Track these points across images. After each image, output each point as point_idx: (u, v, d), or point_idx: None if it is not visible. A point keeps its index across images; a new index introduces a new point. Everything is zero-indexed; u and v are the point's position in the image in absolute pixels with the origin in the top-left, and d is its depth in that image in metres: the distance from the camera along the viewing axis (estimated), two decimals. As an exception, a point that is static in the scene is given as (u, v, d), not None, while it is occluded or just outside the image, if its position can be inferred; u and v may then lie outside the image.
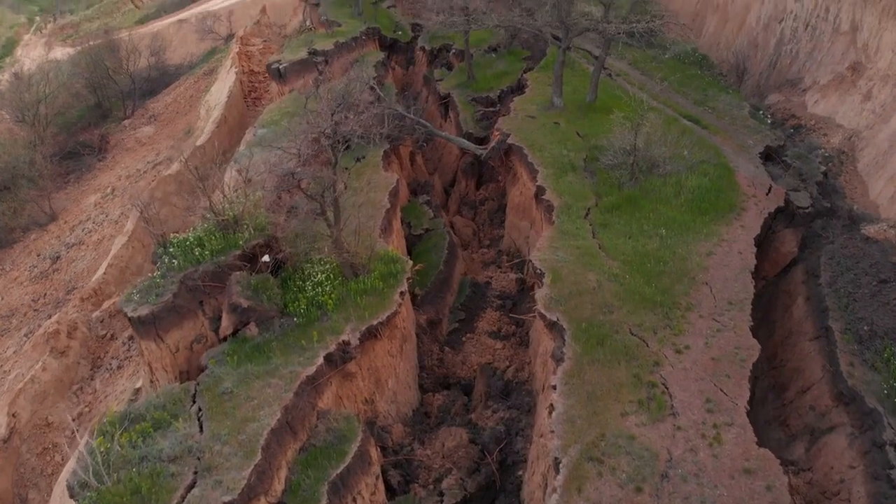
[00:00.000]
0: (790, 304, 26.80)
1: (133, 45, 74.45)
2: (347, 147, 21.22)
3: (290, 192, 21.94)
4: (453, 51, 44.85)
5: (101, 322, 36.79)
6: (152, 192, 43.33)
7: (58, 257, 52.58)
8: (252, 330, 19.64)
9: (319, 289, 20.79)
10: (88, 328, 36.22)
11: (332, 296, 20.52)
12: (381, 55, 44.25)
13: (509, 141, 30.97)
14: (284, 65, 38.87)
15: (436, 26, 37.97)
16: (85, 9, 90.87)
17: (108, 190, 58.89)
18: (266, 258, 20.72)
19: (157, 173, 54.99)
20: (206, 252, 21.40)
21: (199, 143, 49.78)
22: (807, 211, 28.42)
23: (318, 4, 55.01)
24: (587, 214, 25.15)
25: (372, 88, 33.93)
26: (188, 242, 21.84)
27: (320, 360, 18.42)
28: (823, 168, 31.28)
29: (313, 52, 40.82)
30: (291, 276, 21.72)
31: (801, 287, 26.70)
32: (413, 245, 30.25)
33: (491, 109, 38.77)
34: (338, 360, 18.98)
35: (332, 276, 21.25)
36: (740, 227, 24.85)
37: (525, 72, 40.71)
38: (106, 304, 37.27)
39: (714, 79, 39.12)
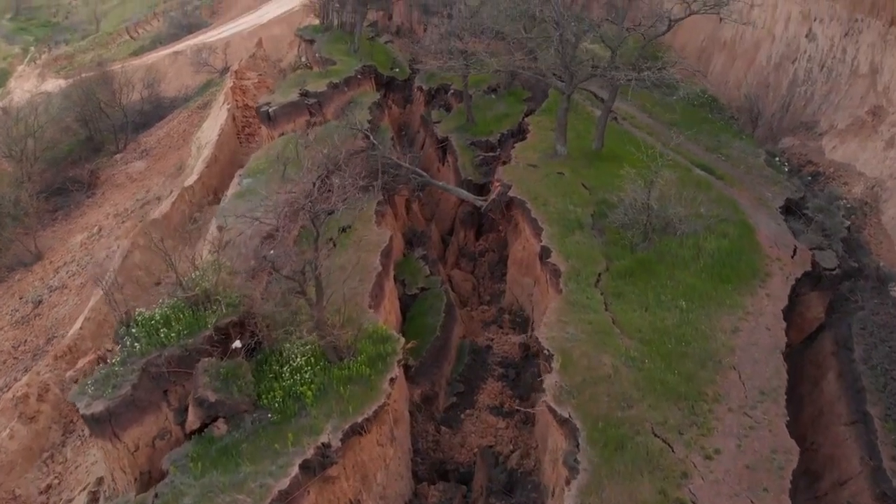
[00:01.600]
0: (819, 378, 24.20)
1: (127, 78, 72.49)
2: (332, 213, 18.74)
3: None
4: (452, 91, 42.65)
5: (76, 383, 34.10)
6: (135, 238, 40.81)
7: (40, 301, 50.00)
8: (220, 428, 17.02)
9: (298, 376, 18.19)
10: (61, 389, 33.52)
11: (313, 385, 17.91)
12: (377, 96, 42.06)
13: (511, 193, 28.55)
14: (274, 107, 36.56)
15: (433, 69, 35.74)
16: (80, 39, 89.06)
17: (95, 229, 56.46)
18: (237, 343, 18.16)
19: (144, 214, 52.66)
20: (173, 333, 18.83)
21: (187, 183, 47.39)
22: (833, 273, 25.98)
23: (312, 41, 52.99)
24: (598, 281, 22.62)
25: (366, 136, 31.62)
26: (153, 321, 19.28)
27: (295, 470, 15.75)
28: (847, 223, 28.92)
29: (305, 94, 38.56)
30: (268, 358, 19.14)
31: (832, 360, 24.13)
32: (407, 306, 27.70)
33: (491, 154, 36.44)
34: (316, 466, 16.33)
35: (313, 359, 18.66)
36: (766, 297, 22.32)
37: (526, 115, 38.46)
38: (81, 363, 34.47)
39: (726, 123, 36.82)
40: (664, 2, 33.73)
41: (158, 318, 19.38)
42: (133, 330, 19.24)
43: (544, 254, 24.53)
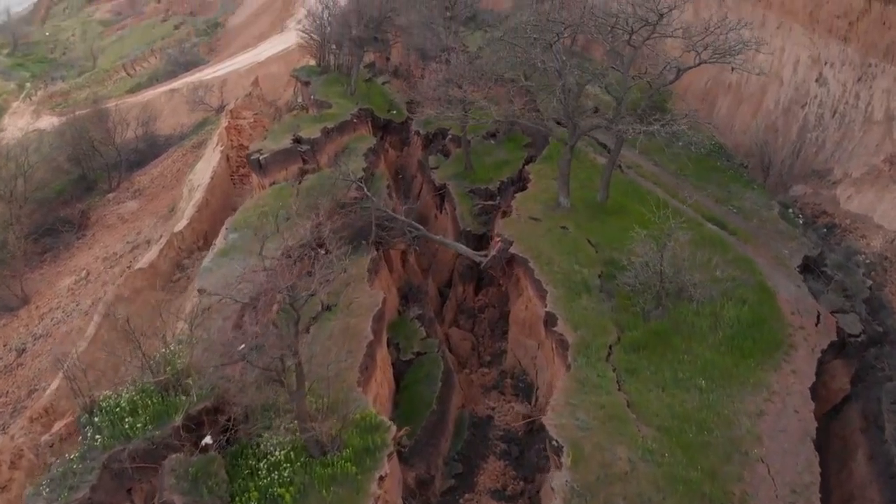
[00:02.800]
0: (847, 457, 22.13)
1: (121, 116, 71.31)
2: (313, 294, 16.84)
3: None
4: (450, 136, 41.04)
5: (51, 447, 31.97)
6: (119, 289, 38.84)
7: (24, 350, 48.09)
8: (187, 538, 14.97)
9: (276, 474, 16.12)
10: (36, 454, 31.34)
11: (292, 487, 15.83)
12: (373, 141, 40.46)
13: (512, 250, 26.73)
14: (265, 155, 34.84)
15: (430, 119, 34.21)
16: (77, 76, 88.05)
17: (83, 273, 54.68)
18: (207, 440, 16.15)
19: (133, 258, 50.83)
20: (140, 422, 16.82)
21: (177, 228, 45.60)
22: (858, 339, 24.08)
23: (308, 82, 51.60)
24: (609, 355, 20.66)
25: (359, 187, 29.90)
26: (118, 408, 17.27)
27: None
28: (869, 282, 27.07)
29: (298, 140, 36.93)
30: (244, 450, 17.10)
31: (861, 438, 22.09)
32: (402, 373, 25.67)
33: (490, 203, 34.68)
34: (295, 587, 14.25)
35: (293, 454, 16.62)
36: (791, 374, 20.36)
37: (527, 162, 36.77)
38: (56, 427, 32.26)
39: (735, 171, 35.14)
40: (669, 48, 32.22)
41: (124, 404, 17.38)
42: (96, 419, 17.23)
43: (550, 320, 22.61)
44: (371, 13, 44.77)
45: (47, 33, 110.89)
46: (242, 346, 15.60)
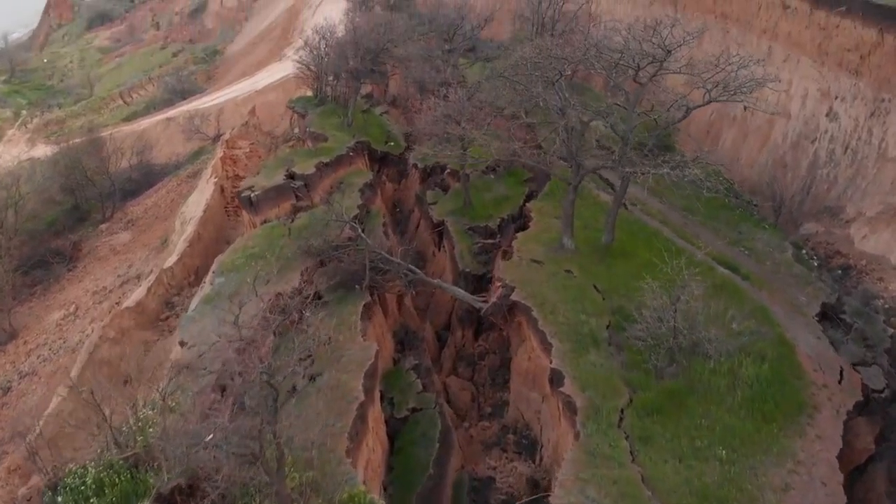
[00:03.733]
0: (874, 525, 20.52)
1: (117, 145, 70.23)
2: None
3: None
4: (448, 170, 39.68)
5: (29, 500, 30.17)
6: (105, 330, 37.17)
7: (9, 388, 46.30)
8: None
9: (257, 564, 14.49)
10: (12, 509, 29.52)
11: (273, 581, 14.20)
12: (369, 175, 39.11)
13: (514, 297, 25.19)
14: (257, 192, 33.41)
15: (426, 157, 32.92)
16: (73, 103, 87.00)
17: (72, 308, 53.04)
18: (179, 529, 14.50)
19: (122, 293, 49.25)
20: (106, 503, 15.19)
21: (167, 264, 44.02)
22: (882, 395, 22.50)
23: (304, 114, 50.38)
24: (621, 420, 19.04)
25: (353, 228, 28.43)
26: (83, 486, 15.62)
27: None
28: (891, 330, 25.50)
29: (291, 176, 35.58)
30: (222, 535, 15.43)
31: (886, 502, 20.48)
32: (396, 431, 23.97)
33: (490, 242, 33.22)
34: None
35: (276, 540, 14.97)
36: (816, 439, 18.72)
37: (527, 197, 35.42)
38: (34, 479, 30.55)
39: (745, 209, 33.71)
40: (675, 84, 30.95)
41: (90, 482, 15.72)
42: (59, 498, 15.56)
43: (556, 379, 21.01)
44: (368, 45, 43.64)
45: (45, 60, 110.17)
46: (210, 436, 13.99)
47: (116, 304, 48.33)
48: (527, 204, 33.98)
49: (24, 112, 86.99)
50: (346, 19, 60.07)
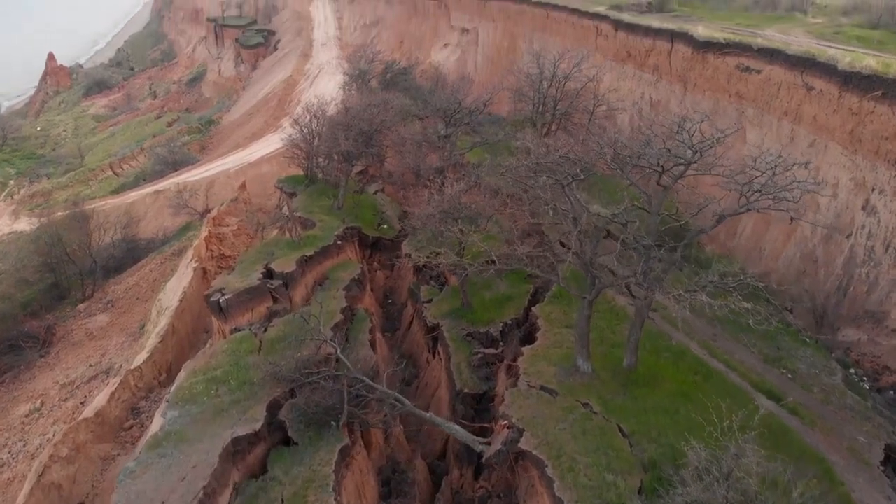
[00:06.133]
0: None
1: (102, 219, 66.72)
2: None
3: None
4: (445, 250, 35.67)
5: None
6: (56, 448, 32.49)
7: (-37, 496, 41.39)
8: None
9: None
10: None
11: None
12: (357, 269, 35.07)
13: (523, 445, 20.75)
14: (228, 296, 29.27)
15: (421, 249, 29.02)
16: (63, 174, 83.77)
17: (38, 403, 48.35)
18: None
19: (89, 391, 44.66)
20: None
21: (135, 363, 39.66)
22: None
23: (294, 194, 46.84)
24: None
25: (331, 346, 24.17)
26: None
27: None
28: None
29: (269, 274, 31.58)
30: None
31: None
32: None
33: (491, 352, 28.93)
34: None
35: None
36: None
37: (532, 296, 31.41)
38: None
39: (780, 317, 29.50)
40: (703, 183, 27.24)
41: None
42: None
43: (576, 569, 16.43)
44: (361, 126, 40.28)
45: (38, 128, 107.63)
46: None
47: (81, 403, 43.86)
48: (532, 308, 29.83)
49: (11, 182, 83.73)
50: (340, 96, 57.41)
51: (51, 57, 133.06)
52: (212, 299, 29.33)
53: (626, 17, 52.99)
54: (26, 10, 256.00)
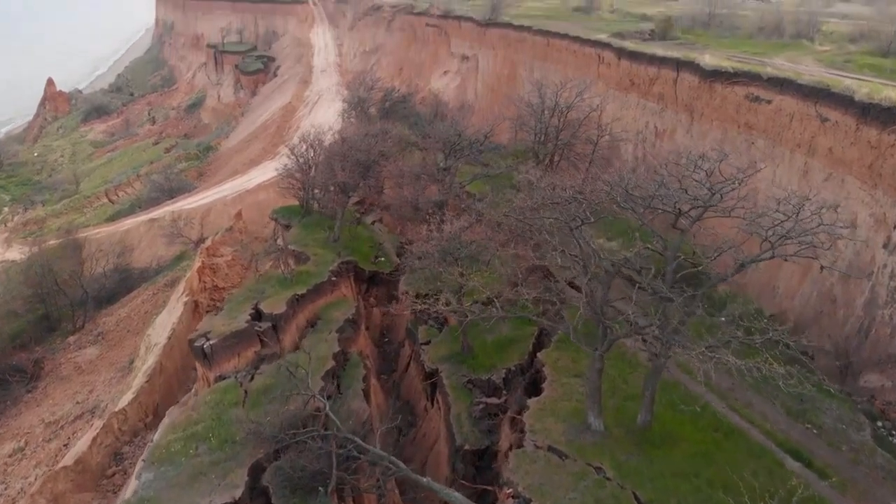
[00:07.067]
0: None
1: (95, 248, 65.03)
2: None
3: None
4: (444, 294, 33.80)
5: None
6: (33, 500, 30.34)
7: (-63, 543, 39.21)
8: None
9: None
10: None
11: None
12: (352, 308, 33.22)
13: (530, 517, 18.73)
14: (213, 341, 27.33)
15: (419, 305, 27.16)
16: (58, 200, 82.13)
17: (22, 442, 46.20)
18: None
19: (73, 432, 42.48)
20: None
21: (120, 405, 37.57)
22: None
23: (288, 226, 45.12)
24: None
25: (319, 401, 22.19)
26: None
27: None
28: None
29: (257, 316, 29.69)
30: None
31: None
32: None
33: (494, 402, 26.94)
34: None
35: None
36: None
37: (537, 340, 29.53)
38: None
39: (802, 364, 27.50)
40: (721, 225, 25.45)
41: None
42: None
43: None
44: (357, 157, 38.63)
45: (36, 153, 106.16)
46: None
47: (64, 445, 41.69)
48: (537, 354, 27.92)
49: (5, 209, 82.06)
50: (338, 124, 55.93)
51: (50, 82, 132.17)
52: (196, 344, 27.41)
53: (629, 44, 51.65)
54: (29, 34, 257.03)
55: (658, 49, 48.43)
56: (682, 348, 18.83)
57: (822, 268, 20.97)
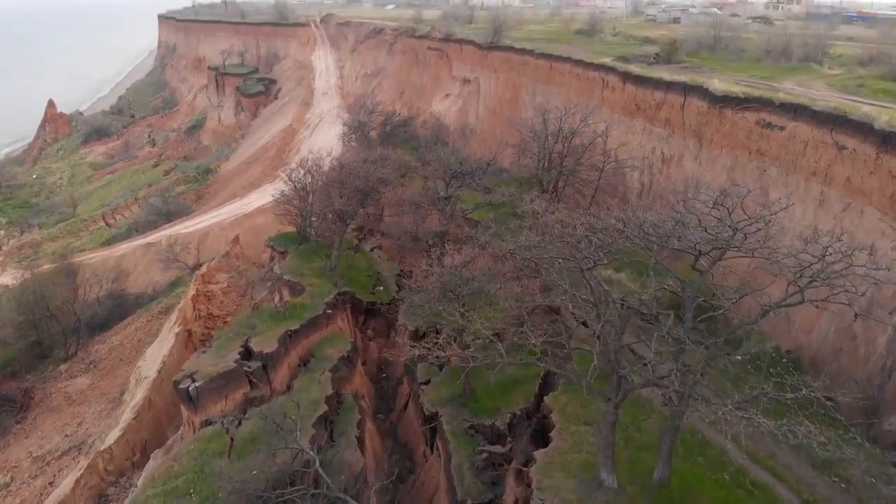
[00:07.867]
0: None
1: (89, 273, 63.39)
2: None
3: None
4: (444, 335, 32.05)
5: None
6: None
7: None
8: None
9: None
10: None
11: None
12: (347, 345, 31.57)
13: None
14: (199, 383, 25.60)
15: (418, 350, 25.52)
16: (55, 223, 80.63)
17: (8, 477, 44.40)
18: None
19: (59, 468, 40.59)
20: None
21: (106, 443, 35.72)
22: None
23: (285, 253, 43.53)
24: None
25: (307, 455, 20.41)
26: None
27: None
28: None
29: (246, 355, 27.98)
30: None
31: None
32: None
33: (498, 450, 25.16)
34: None
35: None
36: None
37: (543, 381, 27.80)
38: None
39: (821, 407, 25.70)
40: (741, 264, 23.80)
41: None
42: None
43: None
44: (356, 184, 37.13)
45: (34, 175, 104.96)
46: None
47: (50, 483, 39.81)
48: (544, 398, 26.16)
49: (1, 232, 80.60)
50: (338, 149, 54.57)
51: (50, 104, 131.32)
52: (180, 387, 25.69)
53: (634, 68, 50.34)
54: (32, 57, 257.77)
55: (664, 73, 47.11)
56: (706, 405, 17.06)
57: (856, 315, 19.24)
